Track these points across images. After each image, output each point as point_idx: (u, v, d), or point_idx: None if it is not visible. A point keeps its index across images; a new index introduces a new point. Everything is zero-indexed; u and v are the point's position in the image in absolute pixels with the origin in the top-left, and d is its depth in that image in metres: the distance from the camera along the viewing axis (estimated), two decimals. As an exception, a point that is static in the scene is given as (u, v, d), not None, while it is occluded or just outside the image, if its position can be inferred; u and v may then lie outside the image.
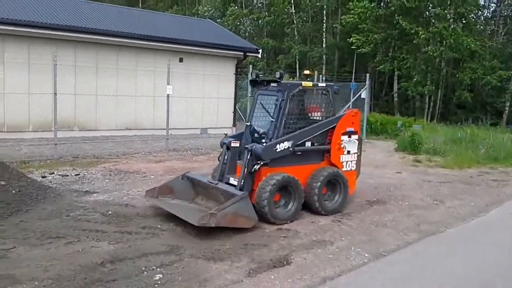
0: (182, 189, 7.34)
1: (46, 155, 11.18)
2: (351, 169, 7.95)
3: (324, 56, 32.81)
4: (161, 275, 4.93)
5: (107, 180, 9.13)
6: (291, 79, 25.33)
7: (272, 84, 7.69)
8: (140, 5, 40.09)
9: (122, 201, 7.65)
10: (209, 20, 25.67)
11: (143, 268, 5.07)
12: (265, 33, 37.08)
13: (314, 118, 7.69)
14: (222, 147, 7.60)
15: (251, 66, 16.69)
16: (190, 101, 16.75)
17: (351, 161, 7.94)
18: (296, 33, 33.97)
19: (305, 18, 34.87)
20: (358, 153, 8.09)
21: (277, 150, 7.04)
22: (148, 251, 5.51)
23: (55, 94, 11.29)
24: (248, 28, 37.46)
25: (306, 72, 8.23)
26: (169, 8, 40.92)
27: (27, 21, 13.33)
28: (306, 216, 7.34)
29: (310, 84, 7.66)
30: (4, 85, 13.15)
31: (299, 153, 7.32)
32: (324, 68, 31.80)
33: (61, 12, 15.23)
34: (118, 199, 7.75)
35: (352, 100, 18.87)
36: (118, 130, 15.10)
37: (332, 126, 7.68)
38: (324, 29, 32.66)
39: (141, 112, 15.56)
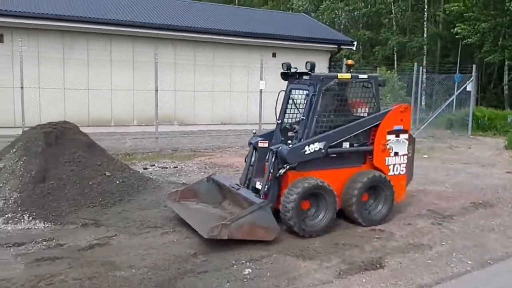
0: (207, 192, 6.73)
1: (148, 148, 11.89)
2: (399, 173, 6.85)
3: (425, 47, 30.95)
4: (250, 270, 4.96)
5: (202, 173, 9.44)
6: (388, 72, 24.27)
7: (304, 77, 6.84)
8: (236, 2, 41.03)
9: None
10: (303, 14, 25.50)
11: (233, 262, 5.14)
12: (360, 25, 35.98)
13: (354, 114, 6.74)
14: (249, 146, 6.88)
15: (345, 59, 16.18)
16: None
17: (400, 164, 6.84)
18: (394, 23, 32.49)
19: (404, 7, 33.21)
20: (409, 155, 7.01)
21: (306, 153, 6.13)
22: (238, 245, 5.56)
23: (157, 90, 11.94)
24: (343, 21, 36.63)
25: (349, 62, 7.13)
26: (264, 4, 41.38)
27: (131, 21, 14.27)
28: (402, 218, 6.94)
29: (347, 75, 6.64)
30: (111, 82, 14.19)
31: (334, 155, 6.42)
32: (424, 59, 29.99)
33: (160, 12, 16.07)
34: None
35: (456, 93, 17.58)
36: (213, 125, 15.64)
37: (375, 123, 6.63)
38: (425, 18, 30.81)
39: (235, 107, 15.94)
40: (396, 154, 6.78)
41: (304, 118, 6.43)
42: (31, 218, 6.12)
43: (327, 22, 31.18)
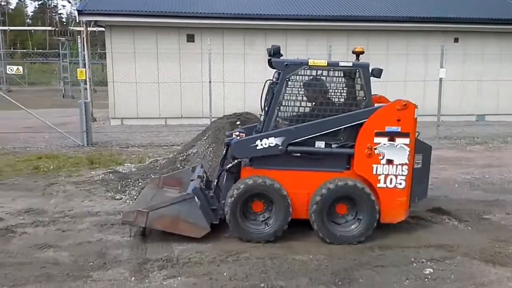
0: (188, 181, 6.10)
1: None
2: (395, 187, 5.37)
3: None
4: (431, 270, 4.69)
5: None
6: None
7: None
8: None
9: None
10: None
11: (412, 259, 4.92)
12: None
13: (333, 109, 5.48)
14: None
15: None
16: (464, 85, 15.36)
17: (396, 176, 5.35)
18: None
19: None
20: (417, 166, 5.52)
21: (258, 148, 5.31)
22: (418, 243, 5.33)
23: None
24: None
25: (358, 48, 5.71)
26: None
27: (305, 15, 14.63)
28: None
29: (322, 62, 5.43)
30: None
31: (298, 154, 5.41)
32: None
33: (334, 3, 16.07)
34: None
35: None
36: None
37: (358, 121, 5.33)
38: None
39: (412, 97, 15.13)
40: (389, 162, 5.34)
41: (265, 109, 5.62)
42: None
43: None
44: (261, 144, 5.33)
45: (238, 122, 6.11)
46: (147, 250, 5.07)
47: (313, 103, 5.65)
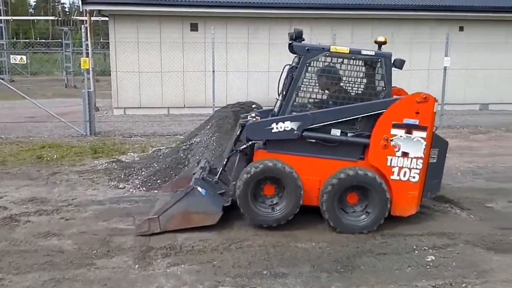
0: None
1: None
2: (408, 180, 5.31)
3: None
4: (433, 257, 4.71)
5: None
6: None
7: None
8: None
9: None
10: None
11: (414, 247, 4.95)
12: None
13: (352, 97, 5.52)
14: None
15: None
16: (470, 74, 15.26)
17: (410, 169, 5.29)
18: None
19: None
20: (432, 161, 5.43)
21: (273, 131, 5.27)
22: (420, 231, 5.35)
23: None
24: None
25: (380, 38, 5.60)
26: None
27: (312, 3, 14.52)
28: None
29: (345, 49, 5.36)
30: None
31: (313, 141, 5.35)
32: None
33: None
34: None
35: None
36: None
37: (377, 111, 5.27)
38: None
39: (415, 86, 15.05)
40: (405, 155, 5.27)
41: (283, 93, 5.56)
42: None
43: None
44: (277, 128, 5.30)
45: (253, 106, 6.07)
46: (150, 238, 5.10)
47: (332, 90, 5.60)
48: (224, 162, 5.84)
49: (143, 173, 7.36)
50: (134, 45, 14.21)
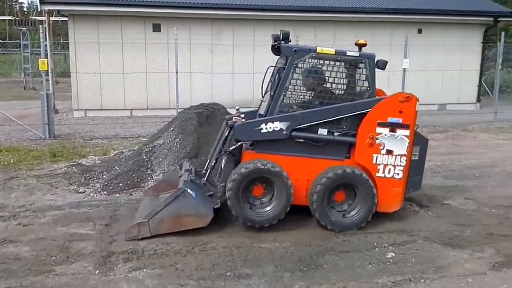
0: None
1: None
2: (393, 177, 5.49)
3: None
4: (393, 254, 4.83)
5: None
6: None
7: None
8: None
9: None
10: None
11: (375, 244, 5.06)
12: (522, -7, 31.71)
13: (337, 97, 5.63)
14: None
15: (503, 33, 14.49)
16: (428, 75, 15.75)
17: (394, 166, 5.47)
18: None
19: None
20: (414, 158, 5.65)
21: (262, 131, 5.31)
22: (381, 229, 5.47)
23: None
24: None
25: (361, 40, 5.75)
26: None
27: (274, 6, 14.62)
28: None
29: (331, 50, 5.47)
30: (253, 66, 14.69)
31: (301, 140, 5.45)
32: None
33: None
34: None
35: None
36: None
37: (362, 111, 5.42)
38: None
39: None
40: (389, 152, 5.45)
41: (271, 93, 5.58)
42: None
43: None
44: (266, 128, 5.34)
45: (237, 107, 6.20)
46: (112, 243, 5.01)
47: (318, 90, 5.69)
48: (212, 164, 5.83)
49: (104, 176, 7.21)
50: (95, 45, 13.89)
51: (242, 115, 5.78)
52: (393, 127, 5.41)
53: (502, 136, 11.97)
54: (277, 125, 5.34)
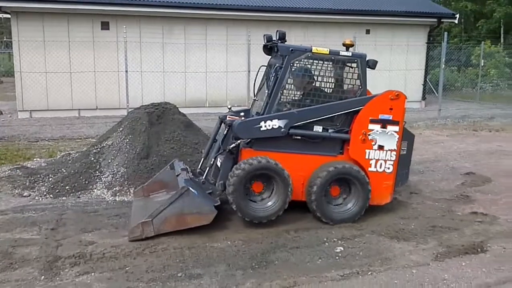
0: (173, 179, 5.92)
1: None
2: (384, 171, 5.80)
3: (538, 17, 27.97)
4: (342, 248, 4.96)
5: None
6: (493, 46, 22.35)
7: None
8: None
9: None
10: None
11: (325, 239, 5.17)
12: (463, -4, 33.38)
13: (331, 96, 5.84)
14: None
15: (446, 33, 15.16)
16: (374, 74, 16.17)
17: (385, 161, 5.77)
18: (502, -8, 29.65)
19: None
20: (403, 153, 5.97)
21: (261, 129, 5.48)
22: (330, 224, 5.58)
23: (249, 72, 12.18)
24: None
25: (348, 41, 5.96)
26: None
27: (226, 4, 14.60)
28: (510, 202, 6.45)
29: (325, 50, 5.68)
30: (206, 65, 14.71)
31: (299, 137, 5.68)
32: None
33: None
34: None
35: None
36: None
37: (355, 108, 5.71)
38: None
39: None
40: (380, 148, 5.74)
41: (267, 92, 5.74)
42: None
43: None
44: (265, 126, 5.50)
45: (229, 106, 6.31)
46: (58, 247, 4.84)
47: (314, 89, 5.86)
48: (211, 162, 5.87)
49: (50, 179, 6.96)
50: (40, 44, 13.35)
51: (242, 113, 6.02)
52: (384, 123, 5.73)
53: (445, 132, 12.54)
54: (276, 123, 5.53)
